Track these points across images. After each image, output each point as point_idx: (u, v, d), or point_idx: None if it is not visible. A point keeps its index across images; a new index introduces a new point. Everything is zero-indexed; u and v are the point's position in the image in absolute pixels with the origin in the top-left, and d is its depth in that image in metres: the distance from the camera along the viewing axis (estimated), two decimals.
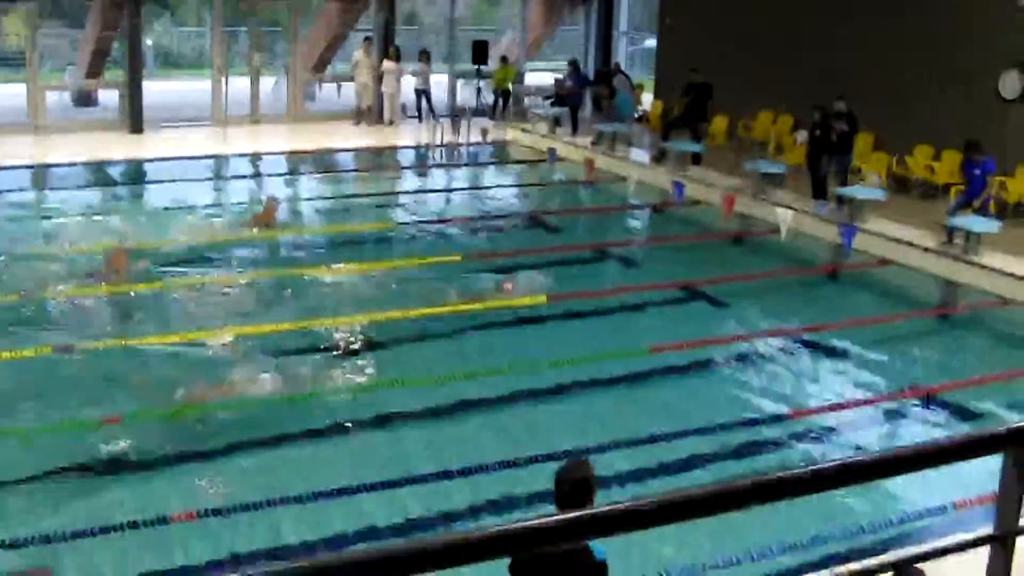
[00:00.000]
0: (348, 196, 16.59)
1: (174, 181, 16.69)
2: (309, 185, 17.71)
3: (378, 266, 12.33)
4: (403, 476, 7.26)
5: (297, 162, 19.35)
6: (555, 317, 10.98)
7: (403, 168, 19.84)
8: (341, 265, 12.38)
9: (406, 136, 21.95)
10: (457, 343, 10.09)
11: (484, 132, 20.50)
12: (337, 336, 9.97)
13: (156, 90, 22.76)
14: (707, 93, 18.31)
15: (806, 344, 10.50)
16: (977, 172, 13.42)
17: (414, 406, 8.48)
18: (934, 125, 16.41)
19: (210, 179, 17.75)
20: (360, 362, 9.34)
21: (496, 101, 24.35)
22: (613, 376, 9.29)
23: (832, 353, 10.31)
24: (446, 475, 7.32)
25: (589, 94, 22.43)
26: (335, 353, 9.55)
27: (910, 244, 13.47)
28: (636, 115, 23.03)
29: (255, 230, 8.95)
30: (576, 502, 4.10)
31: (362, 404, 8.51)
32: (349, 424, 8.16)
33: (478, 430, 8.20)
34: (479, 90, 24.61)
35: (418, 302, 10.94)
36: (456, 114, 22.51)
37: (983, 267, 12.62)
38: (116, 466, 7.40)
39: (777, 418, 8.56)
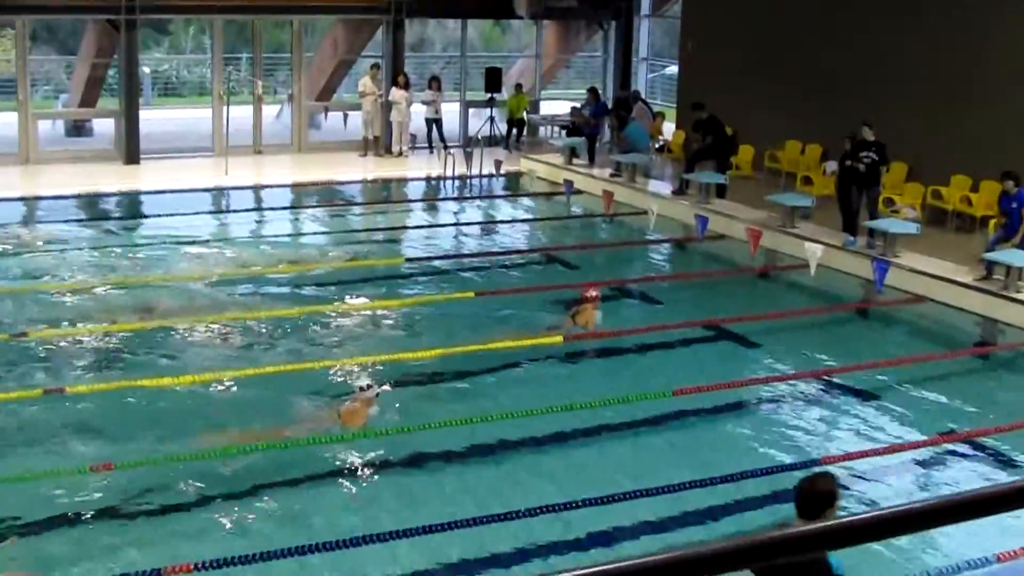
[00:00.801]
0: (351, 231, 16.72)
1: (171, 215, 16.80)
2: (315, 219, 17.87)
3: (386, 304, 12.42)
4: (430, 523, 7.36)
5: (302, 195, 19.53)
6: (573, 357, 11.03)
7: (412, 201, 19.99)
8: (347, 302, 12.50)
9: (416, 167, 22.11)
10: (475, 385, 10.16)
11: (498, 164, 20.65)
12: (339, 378, 10.06)
13: (155, 119, 23.03)
14: (716, 127, 18.33)
15: (837, 386, 10.53)
16: (1015, 206, 13.45)
17: (431, 448, 8.56)
18: (971, 154, 16.47)
19: (210, 212, 17.91)
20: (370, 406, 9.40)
21: (510, 131, 24.55)
22: (634, 420, 9.32)
23: (865, 395, 10.33)
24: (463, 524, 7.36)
25: (608, 124, 22.60)
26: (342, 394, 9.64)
27: (947, 280, 13.50)
28: (657, 145, 23.19)
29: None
30: (815, 513, 4.46)
31: (374, 448, 8.58)
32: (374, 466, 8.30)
33: (492, 476, 8.25)
34: (492, 119, 24.81)
35: (431, 341, 11.06)
36: (469, 144, 22.68)
37: None
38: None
39: (807, 464, 8.58)
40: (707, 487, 7.97)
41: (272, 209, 18.40)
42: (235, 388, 9.69)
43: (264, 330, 11.43)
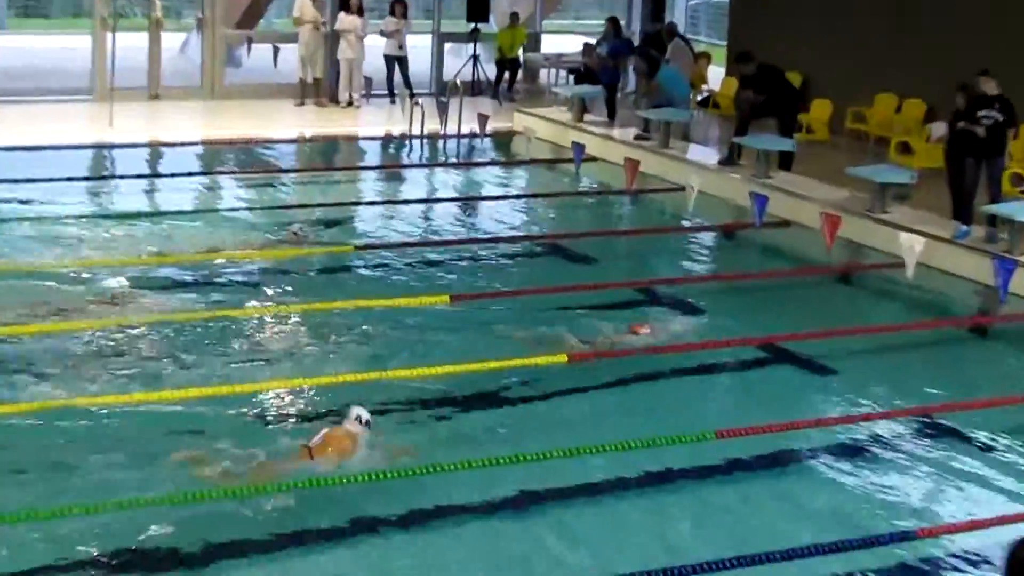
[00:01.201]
0: (286, 208, 16.76)
1: (31, 182, 16.74)
2: (232, 190, 17.89)
3: (328, 307, 12.45)
4: None
5: (214, 158, 19.53)
6: (583, 386, 11.06)
7: (366, 168, 20.02)
8: (273, 304, 12.55)
9: (371, 122, 22.14)
10: (458, 420, 10.24)
11: (483, 119, 20.71)
12: (270, 404, 10.10)
13: (10, 48, 23.00)
14: (773, 81, 18.35)
15: (940, 430, 10.57)
16: None
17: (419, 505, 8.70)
18: None
19: (86, 179, 17.90)
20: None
21: (500, 75, 24.61)
22: (665, 469, 9.37)
23: (977, 444, 10.37)
24: None
25: (632, 67, 22.71)
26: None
27: None
28: (700, 97, 23.28)
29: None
30: None
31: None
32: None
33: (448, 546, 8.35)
34: (476, 59, 24.85)
35: (399, 359, 11.15)
36: (444, 93, 22.72)
37: None
38: None
39: (902, 537, 8.62)
40: (762, 565, 8.01)
41: (173, 176, 18.43)
42: (121, 418, 9.70)
43: (159, 340, 11.44)
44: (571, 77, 24.60)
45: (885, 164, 18.06)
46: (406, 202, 18.07)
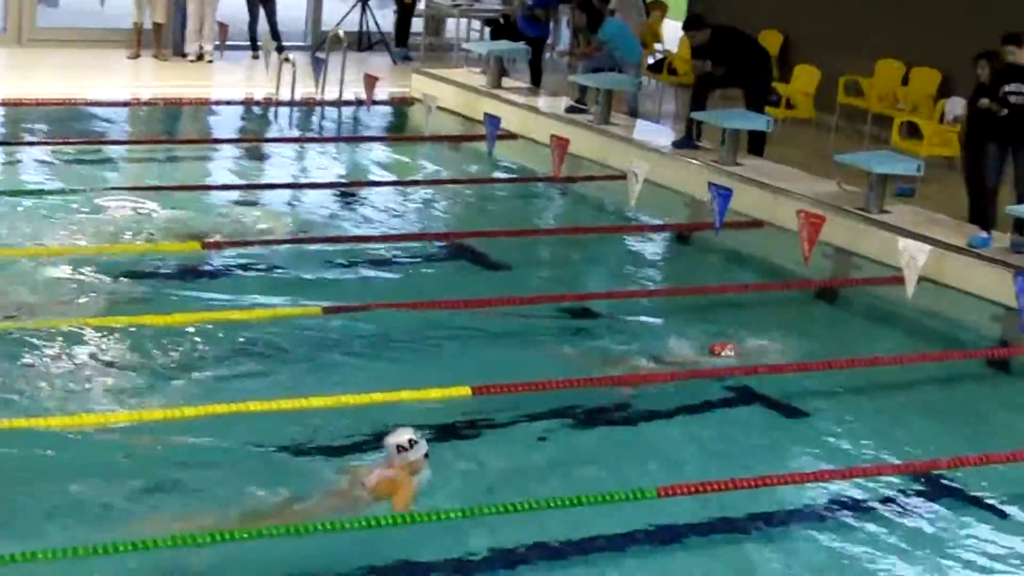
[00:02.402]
0: (110, 191, 16.70)
1: None
2: (41, 168, 17.80)
3: (168, 320, 12.42)
4: None
5: (18, 124, 19.38)
6: (489, 424, 11.11)
7: (219, 141, 19.96)
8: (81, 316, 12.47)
9: (227, 82, 22.08)
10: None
11: (371, 82, 20.69)
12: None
13: None
14: (733, 47, 18.53)
15: (945, 490, 10.71)
16: None
17: None
18: None
19: None
20: None
21: (399, 26, 24.63)
22: (590, 536, 9.45)
23: (990, 509, 10.53)
24: None
25: (566, 20, 22.78)
26: None
27: None
28: (652, 59, 23.38)
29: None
30: None
31: None
32: None
33: None
34: (365, 4, 24.86)
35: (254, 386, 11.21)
36: (321, 47, 22.69)
37: None
38: None
39: None
40: None
41: None
42: None
43: None
44: (487, 30, 24.66)
45: (886, 150, 18.19)
46: (271, 186, 17.99)
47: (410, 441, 9.54)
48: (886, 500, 10.51)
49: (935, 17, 19.72)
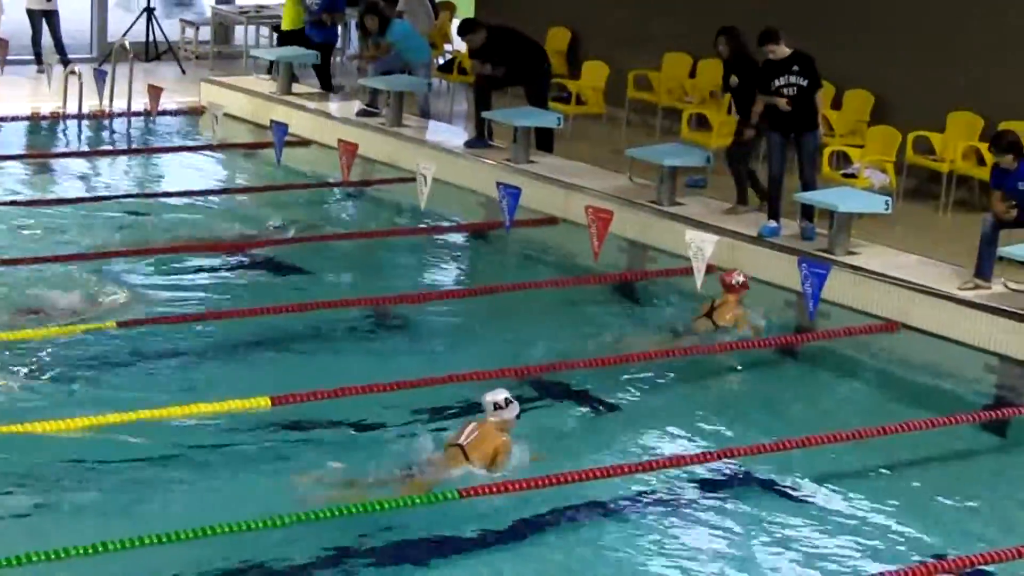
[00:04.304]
0: None
1: None
2: None
3: None
4: None
5: None
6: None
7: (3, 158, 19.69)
8: None
9: (9, 97, 21.78)
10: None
11: (155, 93, 20.47)
12: None
13: None
14: (508, 47, 18.68)
15: (743, 478, 10.90)
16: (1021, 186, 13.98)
17: None
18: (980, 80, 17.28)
19: None
20: None
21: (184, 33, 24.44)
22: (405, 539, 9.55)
23: (783, 495, 10.72)
24: None
25: (354, 24, 22.76)
26: None
27: (937, 294, 14.02)
28: (442, 60, 23.42)
29: None
30: None
31: None
32: None
33: None
34: (151, 13, 24.65)
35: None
36: (107, 59, 22.45)
37: None
38: None
39: None
40: None
41: None
42: None
43: None
44: (274, 35, 24.53)
45: (675, 143, 18.41)
46: (57, 202, 17.70)
47: (506, 400, 10.35)
48: (684, 490, 10.67)
49: (721, 11, 19.85)
